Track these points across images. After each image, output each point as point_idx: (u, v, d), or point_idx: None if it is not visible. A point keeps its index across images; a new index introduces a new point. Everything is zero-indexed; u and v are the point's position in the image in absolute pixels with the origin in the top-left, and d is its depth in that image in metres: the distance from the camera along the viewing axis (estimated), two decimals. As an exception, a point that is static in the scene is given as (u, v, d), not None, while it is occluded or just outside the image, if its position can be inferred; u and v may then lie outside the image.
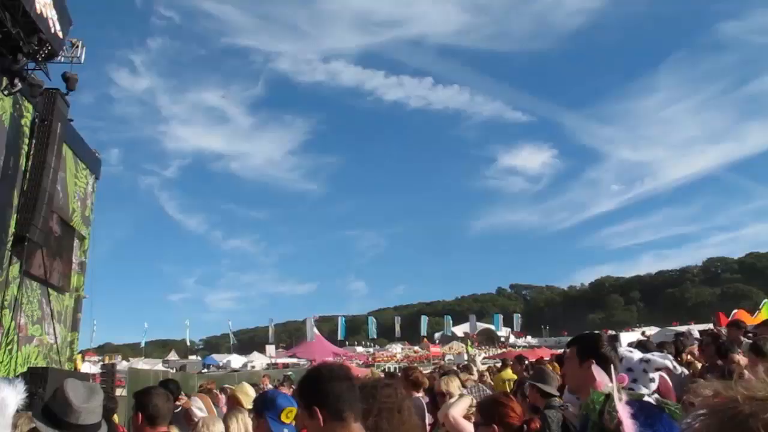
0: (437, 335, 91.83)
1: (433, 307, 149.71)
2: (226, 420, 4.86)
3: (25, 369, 20.35)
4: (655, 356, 4.34)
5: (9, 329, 20.39)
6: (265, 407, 3.56)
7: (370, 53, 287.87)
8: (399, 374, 11.24)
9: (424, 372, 9.37)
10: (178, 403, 6.46)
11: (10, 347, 20.57)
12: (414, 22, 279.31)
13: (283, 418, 3.48)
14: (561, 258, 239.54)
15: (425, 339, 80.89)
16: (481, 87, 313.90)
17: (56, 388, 2.62)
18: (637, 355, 4.24)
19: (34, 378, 18.69)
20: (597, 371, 2.49)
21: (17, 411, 2.08)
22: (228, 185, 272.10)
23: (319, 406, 2.25)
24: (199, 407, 6.72)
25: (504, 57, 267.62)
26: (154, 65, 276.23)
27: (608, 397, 2.00)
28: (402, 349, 71.68)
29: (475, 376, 11.26)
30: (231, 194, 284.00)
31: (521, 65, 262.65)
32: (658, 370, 4.25)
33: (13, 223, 20.44)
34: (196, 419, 5.89)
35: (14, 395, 2.03)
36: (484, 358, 40.79)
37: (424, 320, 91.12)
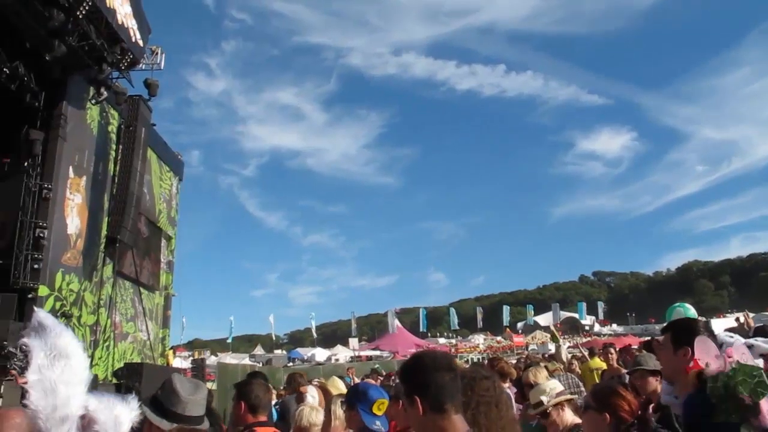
0: (520, 325, 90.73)
1: (515, 297, 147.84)
2: (331, 404, 4.91)
3: (121, 364, 21.33)
4: (759, 341, 4.16)
5: (105, 327, 21.39)
6: (357, 399, 3.59)
7: (441, 43, 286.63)
8: (484, 364, 11.14)
9: (509, 362, 9.26)
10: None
11: (107, 344, 21.57)
12: (483, 10, 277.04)
13: (374, 410, 3.50)
14: (645, 243, 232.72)
15: (507, 329, 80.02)
16: (554, 71, 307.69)
17: (164, 380, 2.71)
18: (738, 340, 4.07)
19: (131, 373, 19.61)
20: (703, 345, 2.35)
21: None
22: (305, 181, 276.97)
23: (420, 396, 2.20)
24: (312, 395, 6.84)
25: (577, 39, 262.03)
26: (229, 67, 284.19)
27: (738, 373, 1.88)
28: (484, 339, 71.12)
29: (561, 366, 11.06)
30: (309, 190, 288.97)
31: (595, 47, 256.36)
32: (762, 356, 4.07)
33: (104, 225, 21.41)
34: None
35: (128, 412, 2.06)
36: (569, 347, 40.01)
37: (505, 310, 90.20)
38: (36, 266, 17.61)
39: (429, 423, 2.19)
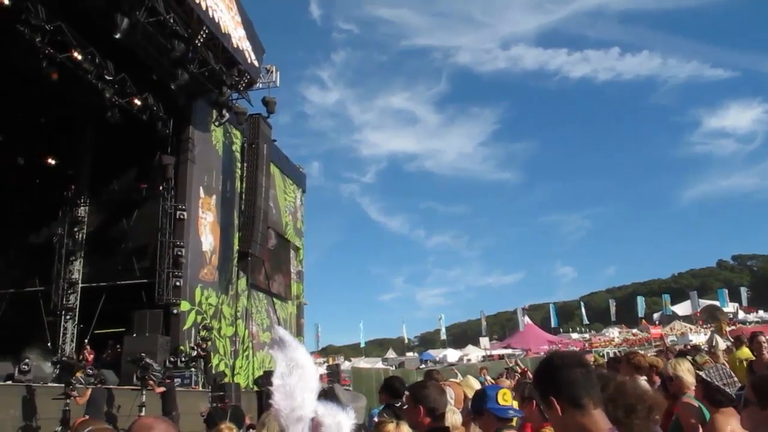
0: (656, 316, 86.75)
1: (649, 287, 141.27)
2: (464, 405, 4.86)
3: (261, 372, 22.29)
4: None
5: (244, 337, 22.41)
6: (481, 403, 3.57)
7: (550, 32, 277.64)
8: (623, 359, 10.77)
9: (649, 355, 8.92)
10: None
11: (247, 353, 22.56)
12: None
13: (500, 401, 3.49)
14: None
15: (643, 321, 76.88)
16: (672, 48, 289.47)
17: (326, 389, 2.85)
18: None
19: (269, 381, 20.42)
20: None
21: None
22: (424, 184, 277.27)
23: (555, 395, 2.18)
24: (451, 396, 6.83)
25: (694, 11, 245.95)
26: (340, 78, 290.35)
27: None
28: (619, 332, 68.72)
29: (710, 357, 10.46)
30: (428, 192, 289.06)
31: (714, 17, 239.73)
32: None
33: (236, 241, 22.47)
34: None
35: (348, 420, 2.24)
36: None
37: (640, 301, 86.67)
38: (177, 283, 18.78)
39: (569, 421, 2.15)
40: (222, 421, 8.13)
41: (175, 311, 18.67)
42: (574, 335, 72.59)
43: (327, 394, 2.80)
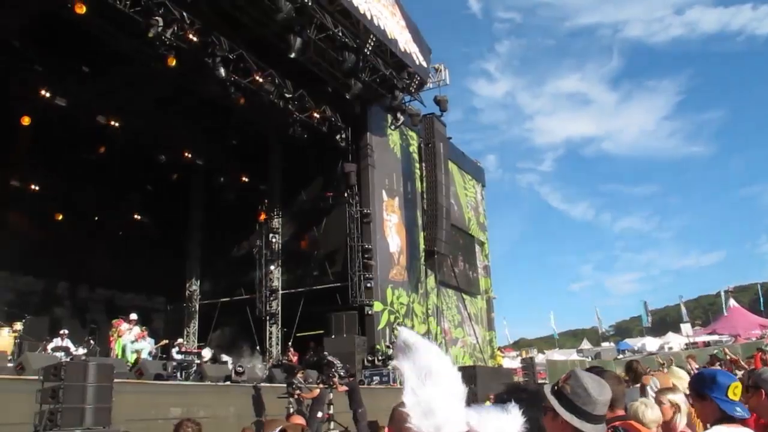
0: None
1: None
2: (659, 396, 4.63)
3: (455, 369, 22.52)
4: None
5: (436, 334, 22.78)
6: (707, 388, 3.37)
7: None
8: None
9: None
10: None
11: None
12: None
13: (730, 395, 3.28)
14: None
15: None
16: None
17: (570, 374, 2.51)
18: None
19: (465, 376, 20.48)
20: None
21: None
22: (605, 166, 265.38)
23: None
24: (655, 385, 6.56)
25: None
26: (507, 68, 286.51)
27: None
28: None
29: None
30: (610, 175, 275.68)
31: None
32: None
33: (421, 240, 22.94)
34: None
35: (512, 423, 1.86)
36: None
37: None
38: (369, 285, 19.54)
39: None
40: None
41: (369, 312, 19.42)
42: (792, 318, 66.00)
43: (569, 380, 2.39)
